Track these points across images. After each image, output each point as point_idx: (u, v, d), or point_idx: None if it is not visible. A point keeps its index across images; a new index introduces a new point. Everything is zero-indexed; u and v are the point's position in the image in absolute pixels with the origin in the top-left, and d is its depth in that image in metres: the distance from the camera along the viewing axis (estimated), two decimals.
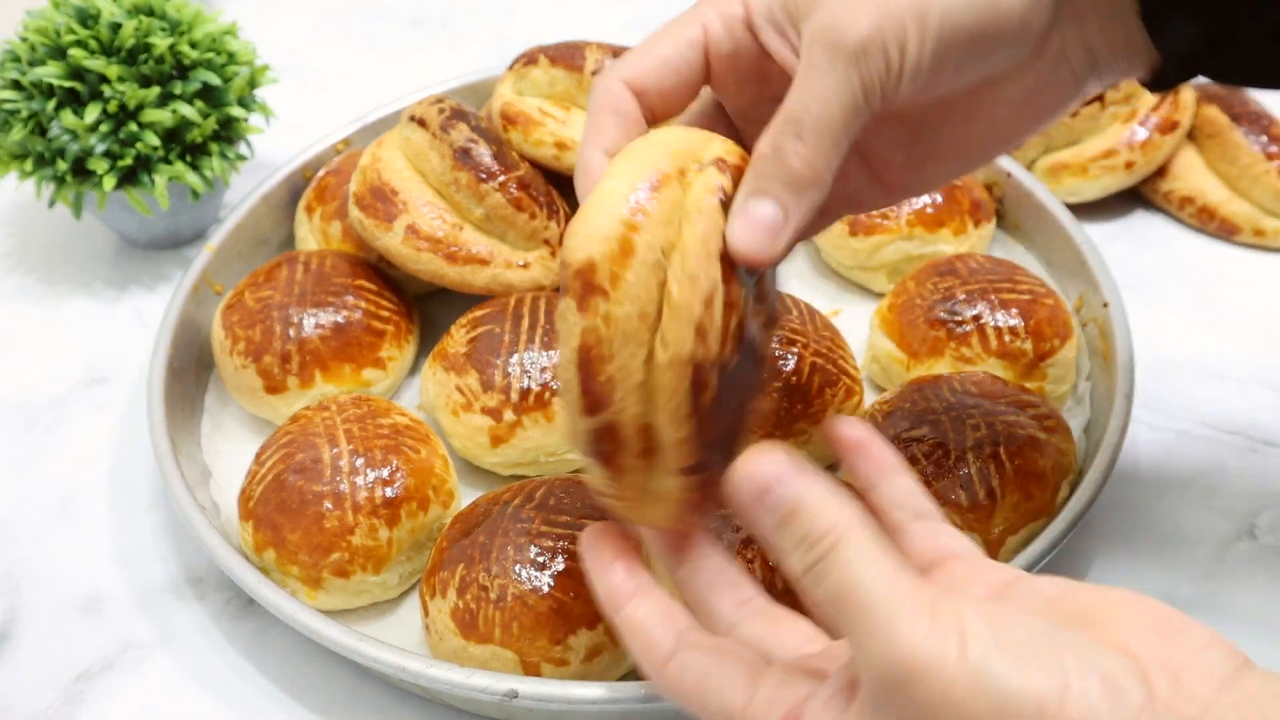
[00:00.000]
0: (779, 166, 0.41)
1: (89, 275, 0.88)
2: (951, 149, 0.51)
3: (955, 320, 0.71)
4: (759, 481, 0.37)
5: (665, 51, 0.46)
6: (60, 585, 0.68)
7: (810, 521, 0.36)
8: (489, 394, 0.68)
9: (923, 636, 0.34)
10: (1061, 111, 0.51)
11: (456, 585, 0.59)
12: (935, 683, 0.33)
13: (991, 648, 0.33)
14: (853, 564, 0.36)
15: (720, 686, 0.40)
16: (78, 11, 0.80)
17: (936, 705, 0.33)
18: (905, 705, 0.34)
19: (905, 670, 0.34)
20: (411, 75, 1.00)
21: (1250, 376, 0.77)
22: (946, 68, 0.45)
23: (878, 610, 0.35)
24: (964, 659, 0.33)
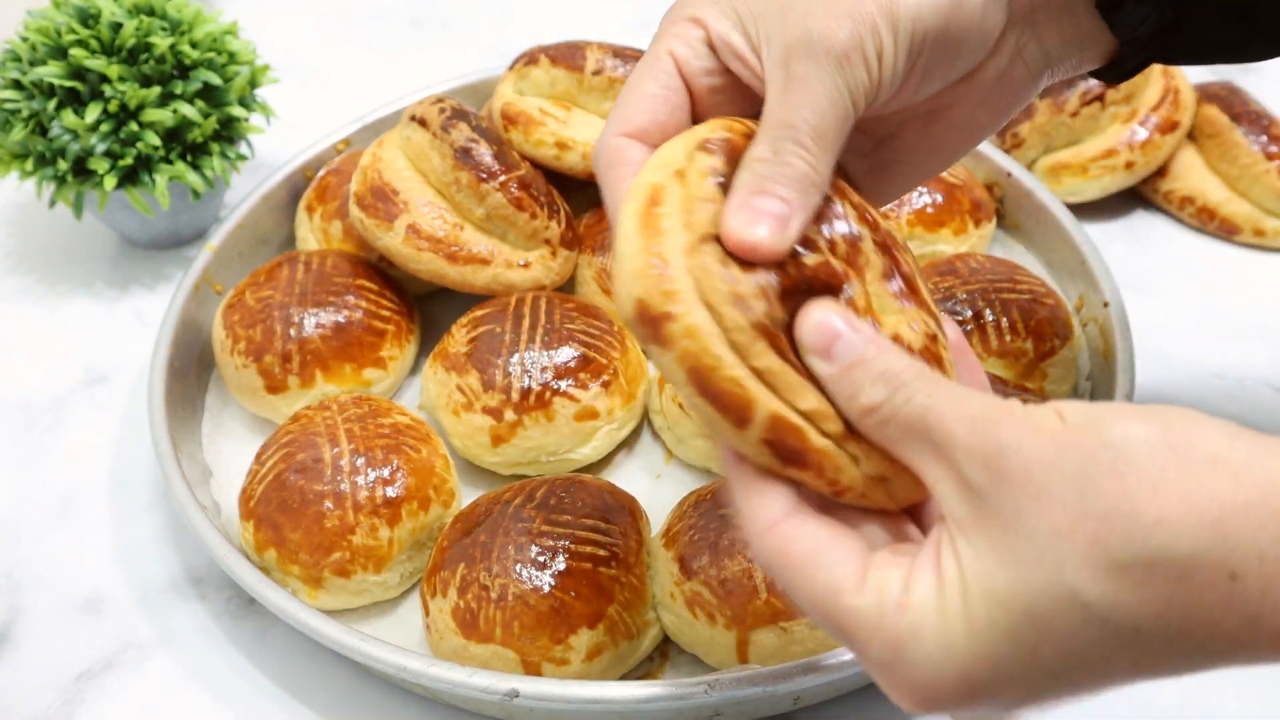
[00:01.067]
0: (781, 167, 0.42)
1: (90, 275, 0.88)
2: (913, 154, 0.52)
3: (956, 320, 0.71)
4: (831, 327, 0.39)
5: (649, 89, 0.46)
6: (61, 585, 0.68)
7: (889, 359, 0.38)
8: (490, 393, 0.68)
9: (1021, 419, 0.35)
10: (1017, 108, 0.52)
11: (457, 585, 0.59)
12: (1044, 447, 0.34)
13: (1091, 411, 0.34)
14: (935, 387, 0.37)
15: (835, 564, 0.38)
16: (78, 11, 0.80)
17: (1051, 458, 0.34)
18: (1020, 474, 0.34)
19: (1013, 441, 0.34)
20: (412, 75, 1.00)
21: (1250, 376, 0.77)
22: (916, 71, 0.45)
23: (973, 409, 0.35)
24: (1065, 422, 0.34)
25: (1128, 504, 0.32)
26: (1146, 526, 0.32)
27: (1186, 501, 0.32)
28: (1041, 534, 0.33)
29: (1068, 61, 0.51)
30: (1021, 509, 0.34)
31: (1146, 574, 0.32)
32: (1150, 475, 0.32)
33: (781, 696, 0.57)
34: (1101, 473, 0.33)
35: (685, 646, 0.61)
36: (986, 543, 0.35)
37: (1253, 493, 0.32)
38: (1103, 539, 0.32)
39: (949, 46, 0.46)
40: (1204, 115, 0.88)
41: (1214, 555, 0.32)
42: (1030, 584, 0.34)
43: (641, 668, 0.62)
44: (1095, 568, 0.33)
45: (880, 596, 0.36)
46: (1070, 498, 0.33)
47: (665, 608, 0.61)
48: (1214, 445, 0.33)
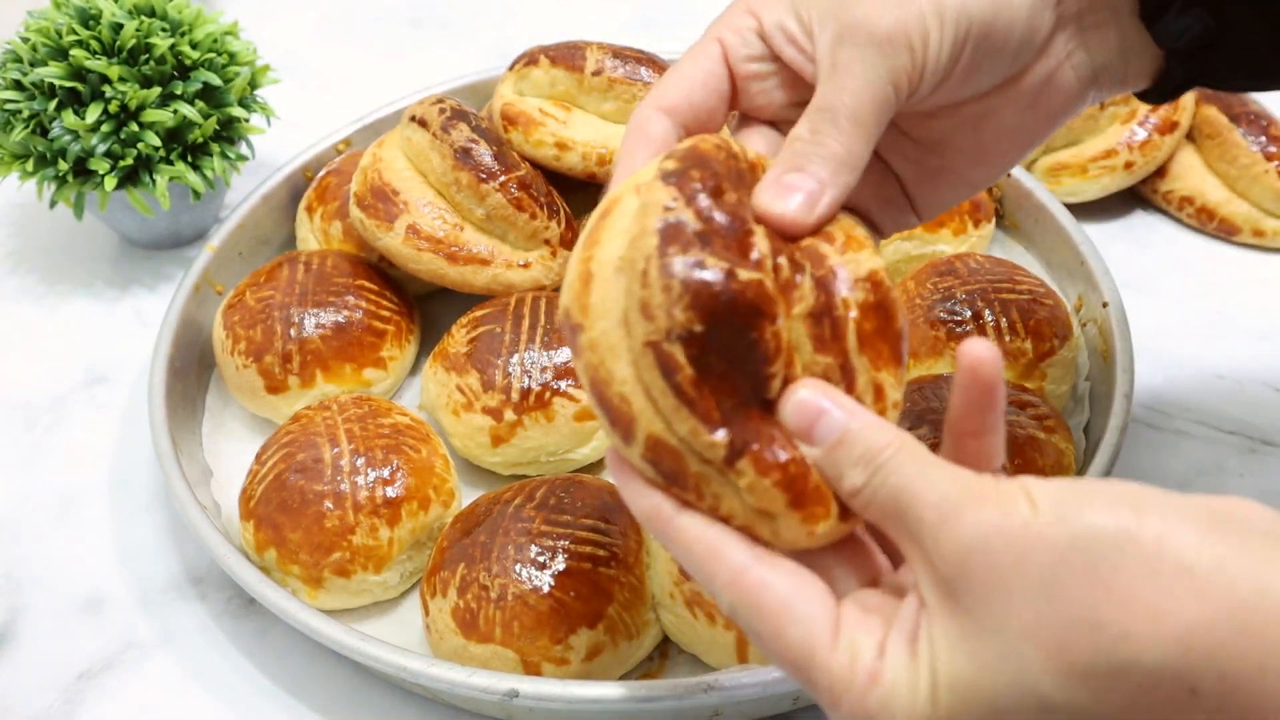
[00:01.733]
0: (817, 147, 0.43)
1: (90, 275, 0.88)
2: (961, 160, 0.52)
3: (955, 320, 0.71)
4: (811, 408, 0.39)
5: (690, 71, 0.47)
6: (61, 585, 0.68)
7: (868, 438, 0.38)
8: (490, 394, 0.68)
9: (992, 507, 0.35)
10: (1065, 117, 0.52)
11: (457, 585, 0.59)
12: (1013, 536, 0.34)
13: (1062, 498, 0.34)
14: (910, 468, 0.37)
15: (807, 618, 0.38)
16: (79, 12, 0.80)
17: (1019, 556, 0.34)
18: (986, 571, 0.34)
19: (981, 537, 0.34)
20: (412, 75, 1.00)
21: (1250, 376, 0.77)
22: (961, 64, 0.46)
23: (944, 497, 0.35)
24: (1036, 512, 0.34)
25: (1095, 614, 0.33)
26: (1113, 638, 0.32)
27: (1153, 617, 0.32)
28: (1009, 633, 0.34)
29: (1114, 73, 0.51)
30: (990, 606, 0.34)
31: (1110, 683, 0.33)
32: (1119, 586, 0.33)
33: (781, 696, 0.57)
34: (1070, 577, 0.33)
35: (685, 646, 0.62)
36: (958, 633, 0.35)
37: (1217, 610, 0.32)
38: (1069, 646, 0.33)
39: (995, 41, 0.46)
40: (1203, 115, 0.88)
41: (1176, 670, 0.32)
42: (996, 680, 0.34)
43: (641, 668, 0.62)
44: (1060, 673, 0.33)
45: (853, 660, 0.37)
46: (1038, 600, 0.33)
47: (665, 607, 0.61)
48: (1183, 553, 0.33)
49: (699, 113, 0.46)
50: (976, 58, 0.46)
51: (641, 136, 0.46)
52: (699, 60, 0.47)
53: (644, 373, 0.38)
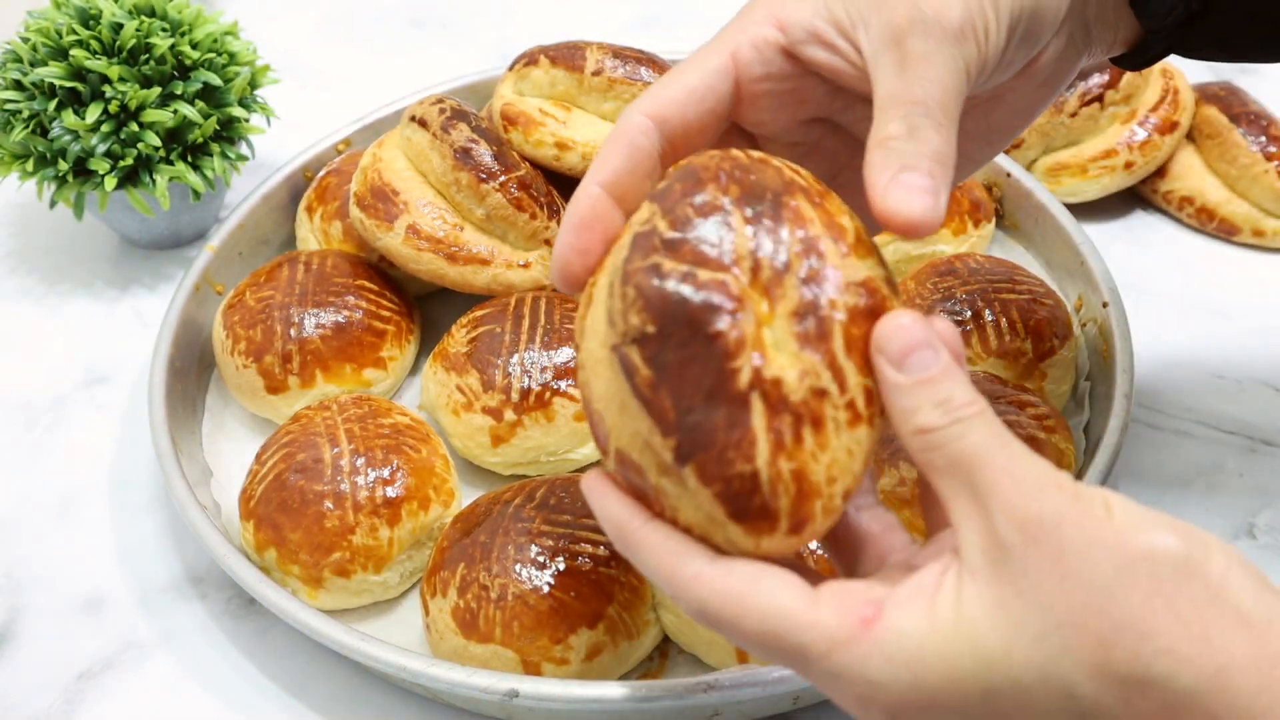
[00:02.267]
0: (921, 144, 0.41)
1: (90, 275, 0.88)
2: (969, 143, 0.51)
3: (955, 320, 0.71)
4: (915, 338, 0.38)
5: (691, 82, 0.45)
6: (61, 585, 0.68)
7: (957, 387, 0.37)
8: (489, 394, 0.68)
9: (1069, 498, 0.34)
10: (1064, 88, 0.52)
11: (457, 584, 0.59)
12: (1085, 531, 0.34)
13: (1140, 515, 0.34)
14: (994, 433, 0.36)
15: (775, 590, 0.37)
16: (79, 12, 0.80)
17: (1088, 546, 0.34)
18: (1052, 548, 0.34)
19: (1055, 515, 0.34)
20: (412, 75, 1.00)
21: (1250, 376, 0.77)
22: (1009, 53, 0.46)
23: (1028, 470, 0.35)
24: (1110, 516, 0.34)
25: (1146, 623, 0.33)
26: (1157, 650, 0.33)
27: (1201, 643, 0.33)
28: (1055, 615, 0.34)
29: (1104, 43, 0.51)
30: (1043, 583, 0.34)
31: (1139, 692, 0.33)
32: (1177, 605, 0.33)
33: (781, 696, 0.57)
34: (1133, 582, 0.33)
35: (685, 646, 0.62)
36: (994, 598, 0.35)
37: (1261, 657, 0.32)
38: (1112, 644, 0.33)
39: (1036, 26, 0.46)
40: (1203, 116, 0.88)
41: (1206, 701, 0.32)
42: (1029, 656, 0.34)
43: (641, 668, 0.62)
44: (1095, 669, 0.33)
45: (841, 614, 0.36)
46: (1095, 593, 0.33)
47: (665, 607, 0.61)
48: (1242, 597, 0.33)
49: (689, 129, 0.45)
50: (1020, 42, 0.46)
51: (624, 145, 0.44)
52: (705, 74, 0.45)
53: (612, 381, 0.38)
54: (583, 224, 0.43)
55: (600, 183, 0.43)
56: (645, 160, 0.44)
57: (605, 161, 0.44)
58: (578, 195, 0.44)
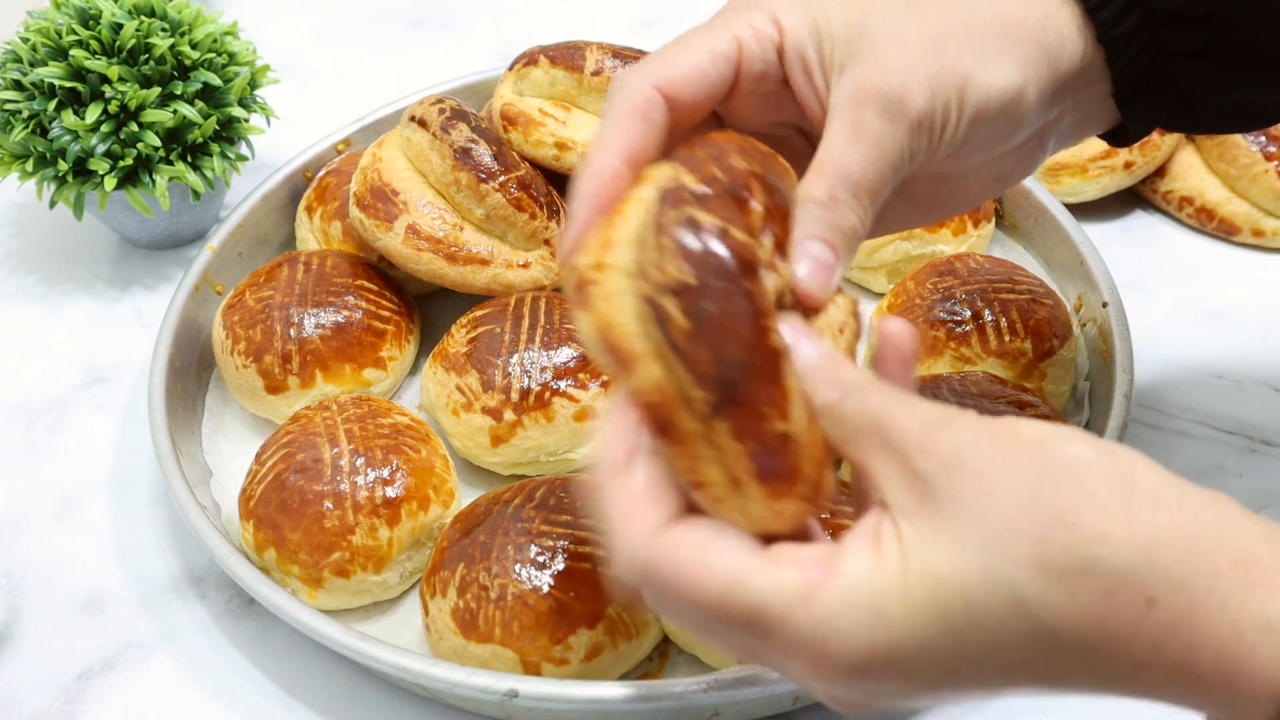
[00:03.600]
0: (836, 217, 0.43)
1: (90, 275, 0.88)
2: (914, 206, 0.52)
3: (955, 320, 0.71)
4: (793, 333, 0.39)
5: (700, 61, 0.45)
6: (61, 585, 0.68)
7: (844, 370, 0.39)
8: (489, 394, 0.68)
9: (976, 425, 0.36)
10: (1028, 174, 0.53)
11: (457, 585, 0.60)
12: (1001, 446, 0.36)
13: (1044, 428, 0.36)
14: (888, 396, 0.38)
15: (730, 549, 0.37)
16: (79, 12, 0.80)
17: (1008, 456, 0.35)
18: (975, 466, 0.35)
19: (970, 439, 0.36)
20: (411, 75, 1.00)
21: (1250, 376, 0.77)
22: (966, 146, 0.46)
23: (926, 417, 0.37)
24: (1019, 434, 0.36)
25: (1074, 515, 0.34)
26: (1090, 538, 0.34)
27: (1126, 523, 0.34)
28: (989, 525, 0.35)
29: (1075, 135, 0.53)
30: (972, 499, 0.35)
31: (1079, 581, 0.34)
32: (1098, 495, 0.35)
33: (781, 696, 0.58)
34: (1054, 482, 0.35)
35: (685, 646, 0.62)
36: (930, 526, 0.35)
37: (1179, 528, 0.34)
38: (1047, 540, 0.34)
39: (997, 134, 0.47)
40: None
41: (1140, 576, 0.34)
42: (971, 569, 0.35)
43: (641, 668, 0.62)
44: (1035, 566, 0.34)
45: (798, 568, 0.36)
46: (1021, 499, 0.35)
47: None
48: (1153, 483, 0.35)
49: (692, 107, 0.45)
50: (979, 140, 0.47)
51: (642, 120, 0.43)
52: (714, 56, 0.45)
53: (649, 329, 0.38)
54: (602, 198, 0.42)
55: (623, 157, 0.43)
56: (657, 136, 0.44)
57: (626, 135, 0.43)
58: (596, 168, 0.42)
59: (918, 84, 0.44)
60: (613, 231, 0.41)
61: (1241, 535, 0.35)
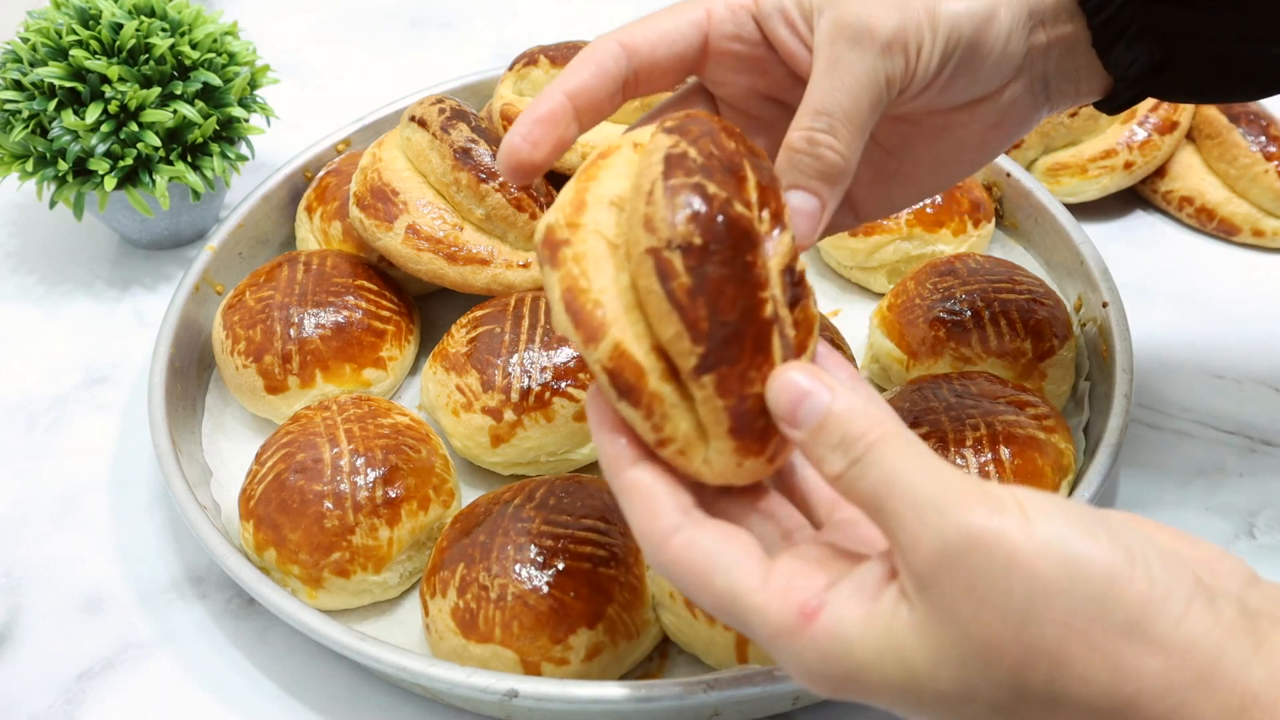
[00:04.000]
0: (814, 160, 0.44)
1: (90, 275, 0.88)
2: (918, 168, 0.53)
3: (955, 320, 0.71)
4: (795, 391, 0.39)
5: (666, 25, 0.47)
6: (61, 585, 0.68)
7: (847, 424, 0.37)
8: (489, 394, 0.68)
9: (983, 512, 0.35)
10: (1022, 134, 0.54)
11: (457, 585, 0.60)
12: (999, 550, 0.34)
13: (1058, 521, 0.34)
14: (895, 458, 0.36)
15: (731, 567, 0.39)
16: (79, 12, 0.80)
17: (1000, 572, 0.34)
18: (965, 579, 0.34)
19: (966, 541, 0.34)
20: (411, 75, 1.00)
21: (1250, 376, 0.77)
22: (944, 74, 0.47)
23: (926, 493, 0.35)
24: (1030, 529, 0.34)
25: (1060, 651, 0.34)
26: (1069, 678, 0.34)
27: (1112, 671, 0.34)
28: (974, 642, 0.35)
29: (1068, 94, 0.53)
30: (961, 611, 0.35)
31: (1054, 709, 0.34)
32: (1091, 634, 0.34)
33: (781, 696, 0.57)
34: (1049, 612, 0.34)
35: (685, 646, 0.62)
36: (922, 623, 0.36)
37: (1174, 681, 0.33)
38: (1027, 668, 0.34)
39: (975, 58, 0.48)
40: (1203, 115, 0.88)
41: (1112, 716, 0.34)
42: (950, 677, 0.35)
43: (641, 668, 0.62)
44: (1012, 690, 0.35)
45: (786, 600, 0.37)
46: (1009, 621, 0.34)
47: (664, 607, 0.61)
48: (1164, 622, 0.34)
49: (657, 67, 0.47)
50: (958, 70, 0.48)
51: (593, 62, 0.46)
52: (679, 21, 0.47)
53: (641, 280, 0.39)
54: (540, 119, 0.45)
55: (565, 90, 0.45)
56: (610, 82, 0.46)
57: (573, 73, 0.46)
58: (541, 95, 0.45)
59: (885, 10, 0.45)
60: (586, 193, 0.42)
61: (1240, 680, 0.33)
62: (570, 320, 0.41)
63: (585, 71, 0.46)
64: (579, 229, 0.41)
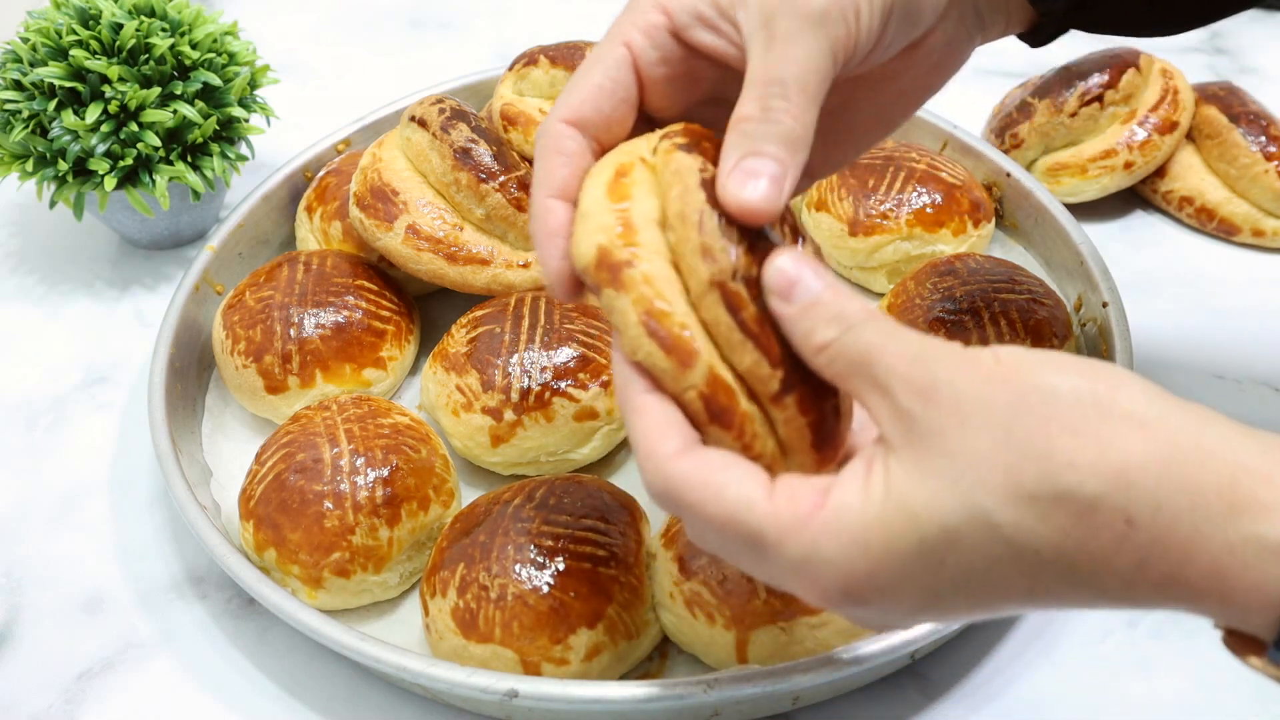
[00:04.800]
0: (771, 125, 0.43)
1: (90, 275, 0.88)
2: (863, 122, 0.53)
3: (955, 320, 0.71)
4: (793, 272, 0.40)
5: (596, 80, 0.46)
6: (61, 585, 0.68)
7: (842, 304, 0.40)
8: (489, 394, 0.68)
9: (959, 356, 0.38)
10: (957, 70, 0.54)
11: (457, 585, 0.60)
12: (978, 374, 0.37)
13: (1026, 355, 0.37)
14: (882, 329, 0.39)
15: (741, 479, 0.40)
16: (79, 12, 0.80)
17: (982, 389, 0.36)
18: (950, 401, 0.37)
19: (948, 373, 0.37)
20: (411, 75, 1.00)
21: (1250, 376, 0.77)
22: (887, 32, 0.47)
23: (915, 345, 0.38)
24: (998, 360, 0.37)
25: (1045, 444, 0.35)
26: (1060, 466, 0.35)
27: (1098, 450, 0.35)
28: (963, 457, 0.36)
29: (998, 27, 0.54)
30: (948, 434, 0.37)
31: (1053, 507, 0.35)
32: (1070, 421, 0.35)
33: (781, 696, 0.58)
34: (1027, 411, 0.36)
35: (684, 646, 0.62)
36: (913, 460, 0.37)
37: (1158, 451, 0.35)
38: (1018, 470, 0.36)
39: (913, 11, 0.48)
40: (1203, 115, 0.88)
41: (1115, 500, 0.35)
42: (947, 500, 0.36)
43: (641, 668, 0.62)
44: (1007, 494, 0.36)
45: (793, 502, 0.39)
46: (994, 430, 0.36)
47: (664, 607, 0.61)
48: (1133, 403, 0.36)
49: (610, 122, 0.47)
50: (898, 24, 0.48)
51: (557, 154, 0.46)
52: (606, 67, 0.47)
53: (707, 311, 0.41)
54: (553, 233, 0.45)
55: (552, 194, 0.46)
56: (581, 162, 0.46)
57: (550, 174, 0.46)
58: (539, 211, 0.46)
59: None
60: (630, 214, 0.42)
61: (1230, 449, 0.35)
62: (658, 345, 0.41)
63: (558, 168, 0.46)
64: (638, 247, 0.42)
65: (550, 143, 0.46)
